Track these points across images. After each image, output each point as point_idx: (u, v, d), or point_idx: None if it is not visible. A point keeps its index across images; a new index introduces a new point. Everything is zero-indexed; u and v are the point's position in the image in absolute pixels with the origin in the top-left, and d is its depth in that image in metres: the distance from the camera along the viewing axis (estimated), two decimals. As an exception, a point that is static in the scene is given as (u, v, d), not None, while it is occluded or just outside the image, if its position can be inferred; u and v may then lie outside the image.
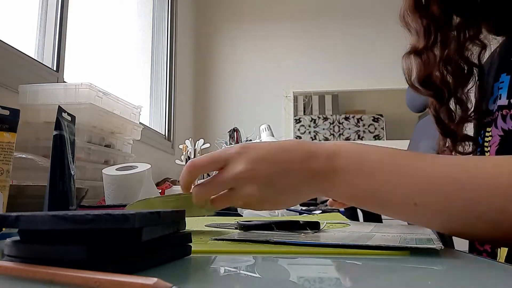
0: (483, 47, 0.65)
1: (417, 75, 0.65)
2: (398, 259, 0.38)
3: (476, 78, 0.65)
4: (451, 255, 0.42)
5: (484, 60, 0.66)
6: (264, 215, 0.93)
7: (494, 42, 0.68)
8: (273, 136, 1.99)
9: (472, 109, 0.66)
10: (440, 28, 0.63)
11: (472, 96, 0.67)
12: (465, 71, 0.64)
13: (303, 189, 0.47)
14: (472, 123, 0.68)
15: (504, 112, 0.59)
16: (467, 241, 0.69)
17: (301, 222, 0.54)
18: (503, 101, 0.59)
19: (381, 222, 1.82)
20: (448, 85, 0.64)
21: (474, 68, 0.65)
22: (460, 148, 0.67)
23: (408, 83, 0.68)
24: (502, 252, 0.57)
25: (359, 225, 0.69)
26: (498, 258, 0.59)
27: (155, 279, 0.23)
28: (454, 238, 1.33)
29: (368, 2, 3.17)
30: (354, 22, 3.18)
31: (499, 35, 0.67)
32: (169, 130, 2.59)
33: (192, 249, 0.37)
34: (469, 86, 0.66)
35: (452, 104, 0.67)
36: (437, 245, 0.39)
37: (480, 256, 0.63)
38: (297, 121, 3.23)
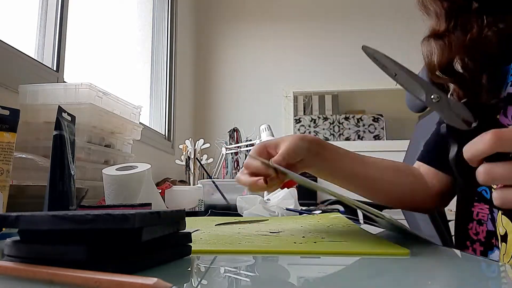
0: (503, 33, 0.63)
1: (438, 60, 0.62)
2: (398, 259, 0.38)
3: (492, 63, 0.62)
4: (451, 255, 0.42)
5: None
6: (263, 215, 0.93)
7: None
8: (273, 136, 1.99)
9: (489, 96, 0.63)
10: (460, 12, 0.61)
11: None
12: (482, 56, 0.62)
13: None
14: None
15: None
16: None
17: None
18: None
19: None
20: (470, 71, 0.62)
21: (493, 54, 0.62)
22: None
23: (428, 69, 0.65)
24: (509, 245, 0.56)
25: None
26: (501, 252, 0.58)
27: (155, 279, 0.23)
28: (454, 238, 1.33)
29: (368, 3, 3.17)
30: (354, 22, 3.19)
31: None
32: (169, 130, 2.59)
33: (192, 249, 0.37)
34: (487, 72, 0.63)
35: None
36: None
37: (472, 244, 0.62)
38: (297, 121, 3.23)
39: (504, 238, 0.58)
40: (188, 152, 2.11)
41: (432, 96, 0.45)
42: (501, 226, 0.59)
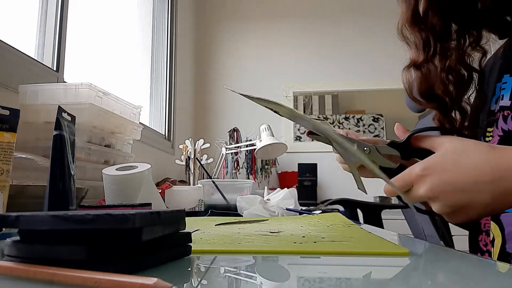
0: (484, 53, 0.64)
1: (418, 89, 0.64)
2: (398, 259, 0.38)
3: (476, 83, 0.65)
4: (451, 255, 0.42)
5: (484, 62, 0.66)
6: (263, 215, 0.93)
7: (495, 45, 0.67)
8: (273, 136, 1.99)
9: (473, 115, 0.65)
10: (440, 39, 0.62)
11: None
12: (466, 78, 0.64)
13: (495, 206, 0.46)
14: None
15: (505, 113, 0.59)
16: (468, 241, 0.70)
17: None
18: (506, 102, 0.59)
19: (382, 223, 1.82)
20: (451, 95, 0.63)
21: (474, 73, 0.64)
22: None
23: (409, 97, 0.67)
24: (495, 249, 0.58)
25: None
26: (492, 256, 0.59)
27: (155, 279, 0.23)
28: (454, 238, 1.34)
29: (368, 2, 3.17)
30: (354, 22, 3.18)
31: (502, 38, 0.66)
32: (169, 130, 2.59)
33: (192, 249, 0.37)
34: (470, 92, 0.65)
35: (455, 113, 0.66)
36: None
37: (482, 255, 0.63)
38: (297, 121, 3.23)
39: (492, 242, 0.59)
40: (188, 152, 2.11)
41: (365, 149, 0.54)
42: (490, 231, 0.60)
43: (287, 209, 1.02)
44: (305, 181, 2.74)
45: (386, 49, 2.96)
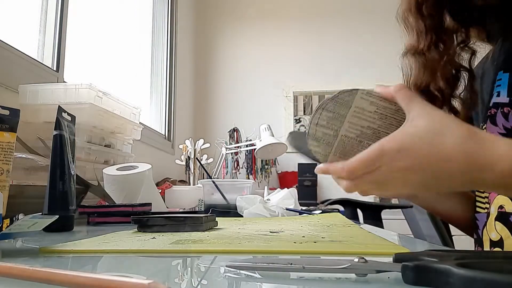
0: (473, 53, 0.64)
1: (415, 79, 0.63)
2: (398, 259, 0.38)
3: (466, 82, 0.64)
4: (451, 255, 0.42)
5: (474, 62, 0.66)
6: (264, 215, 0.93)
7: (482, 51, 0.67)
8: (273, 136, 1.99)
9: (464, 114, 0.65)
10: (435, 30, 0.62)
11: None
12: (454, 75, 0.63)
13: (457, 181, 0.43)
14: None
15: (505, 110, 0.58)
16: (467, 241, 0.69)
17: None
18: (503, 98, 0.59)
19: (381, 223, 1.82)
20: (441, 91, 0.63)
21: (463, 72, 0.63)
22: None
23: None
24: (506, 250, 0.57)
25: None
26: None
27: (151, 280, 0.23)
28: (454, 238, 1.34)
29: (369, 2, 3.17)
30: (355, 22, 3.18)
31: (491, 41, 0.66)
32: (169, 130, 2.59)
33: (192, 249, 0.37)
34: (460, 90, 0.64)
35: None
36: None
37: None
38: (297, 121, 3.23)
39: (497, 243, 0.58)
40: (188, 152, 2.11)
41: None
42: (494, 232, 0.59)
43: (287, 209, 1.02)
44: (305, 181, 2.74)
45: (387, 49, 2.95)
